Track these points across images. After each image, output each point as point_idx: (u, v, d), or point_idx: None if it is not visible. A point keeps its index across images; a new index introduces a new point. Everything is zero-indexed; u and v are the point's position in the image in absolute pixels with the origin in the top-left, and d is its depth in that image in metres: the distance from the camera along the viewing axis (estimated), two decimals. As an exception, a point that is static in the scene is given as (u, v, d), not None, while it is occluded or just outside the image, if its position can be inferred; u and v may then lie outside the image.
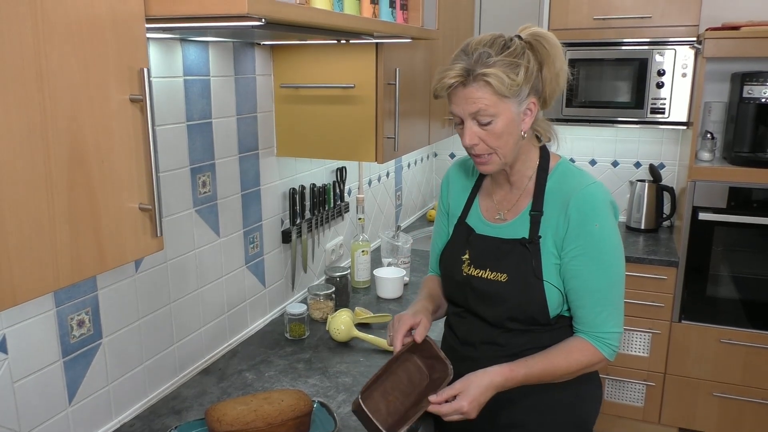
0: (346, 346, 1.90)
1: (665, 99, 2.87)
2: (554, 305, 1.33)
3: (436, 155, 3.81)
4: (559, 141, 1.39)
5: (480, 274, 1.39)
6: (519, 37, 1.29)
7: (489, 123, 1.27)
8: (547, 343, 1.35)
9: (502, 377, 1.28)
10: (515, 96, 1.26)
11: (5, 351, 1.20)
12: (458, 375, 1.32)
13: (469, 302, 1.43)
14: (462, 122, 1.30)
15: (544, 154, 1.39)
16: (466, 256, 1.43)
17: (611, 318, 1.32)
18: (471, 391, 1.26)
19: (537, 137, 1.39)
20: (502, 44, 1.26)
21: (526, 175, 1.39)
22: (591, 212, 1.30)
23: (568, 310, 1.36)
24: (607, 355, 1.33)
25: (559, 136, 1.40)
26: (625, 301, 1.36)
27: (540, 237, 1.33)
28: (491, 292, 1.37)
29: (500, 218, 1.42)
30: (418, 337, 1.35)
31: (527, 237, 1.35)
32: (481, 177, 1.50)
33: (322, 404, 1.51)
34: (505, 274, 1.35)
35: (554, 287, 1.32)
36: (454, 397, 1.27)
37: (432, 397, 1.27)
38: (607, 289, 1.32)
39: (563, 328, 1.37)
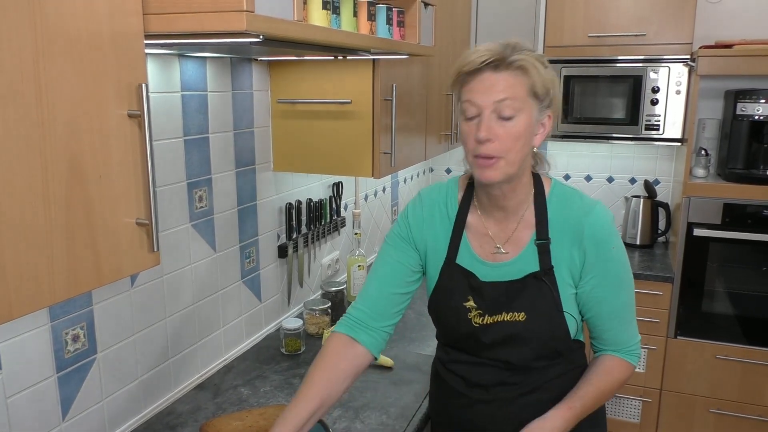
0: (342, 361, 1.89)
1: (660, 116, 2.89)
2: (572, 334, 1.31)
3: (432, 170, 3.82)
4: (550, 166, 1.37)
5: (495, 320, 1.30)
6: None
7: (510, 119, 1.16)
8: (560, 372, 1.33)
9: (563, 420, 1.25)
10: (542, 98, 1.20)
11: (-1, 366, 1.20)
12: (470, 419, 1.34)
13: (482, 350, 1.34)
14: (476, 116, 1.18)
15: (537, 179, 1.33)
16: (471, 303, 1.31)
17: (633, 330, 1.34)
18: None
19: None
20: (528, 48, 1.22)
21: (520, 199, 1.30)
22: (606, 237, 1.27)
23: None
24: (635, 364, 1.35)
25: (551, 162, 1.38)
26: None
27: (552, 267, 1.28)
28: (511, 335, 1.29)
29: (498, 253, 1.32)
30: None
31: (539, 269, 1.28)
32: (462, 212, 1.35)
33: (317, 420, 1.49)
34: (522, 313, 1.28)
35: (572, 317, 1.29)
36: None
37: None
38: (627, 305, 1.33)
39: (575, 352, 1.36)
